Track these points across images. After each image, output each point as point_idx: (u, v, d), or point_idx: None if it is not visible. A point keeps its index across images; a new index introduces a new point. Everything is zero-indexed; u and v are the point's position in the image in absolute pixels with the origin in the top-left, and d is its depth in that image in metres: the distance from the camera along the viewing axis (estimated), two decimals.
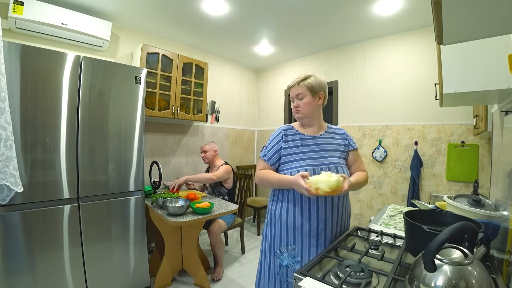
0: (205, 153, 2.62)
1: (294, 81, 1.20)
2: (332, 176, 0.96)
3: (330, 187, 0.93)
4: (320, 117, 1.25)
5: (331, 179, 0.94)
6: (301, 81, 1.18)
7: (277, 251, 1.15)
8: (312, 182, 0.95)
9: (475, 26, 0.55)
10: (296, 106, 1.20)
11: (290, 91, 1.22)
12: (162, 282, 2.03)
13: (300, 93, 1.18)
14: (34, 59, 1.50)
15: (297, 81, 1.19)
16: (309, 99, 1.18)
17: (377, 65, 2.75)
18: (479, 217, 0.98)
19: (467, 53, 0.97)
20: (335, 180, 0.94)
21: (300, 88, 1.18)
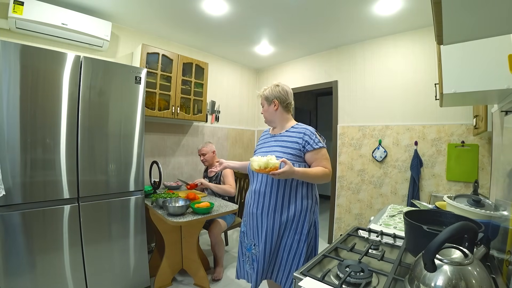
0: (204, 156, 2.61)
1: (258, 91, 1.50)
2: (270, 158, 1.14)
3: (258, 165, 1.14)
4: (280, 119, 1.43)
5: (261, 159, 1.14)
6: (260, 94, 1.47)
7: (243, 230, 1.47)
8: (251, 160, 1.20)
9: (475, 26, 0.55)
10: (261, 113, 1.49)
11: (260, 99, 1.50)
12: (162, 282, 2.03)
13: (261, 103, 1.48)
14: (34, 59, 1.50)
15: (259, 94, 1.48)
16: (266, 107, 1.44)
17: (377, 65, 2.75)
18: (479, 217, 0.98)
19: (467, 53, 0.97)
20: (264, 159, 1.13)
21: (261, 99, 1.47)
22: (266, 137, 1.46)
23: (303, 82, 3.45)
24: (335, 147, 3.05)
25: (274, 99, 1.42)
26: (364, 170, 2.81)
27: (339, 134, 3.03)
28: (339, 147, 3.02)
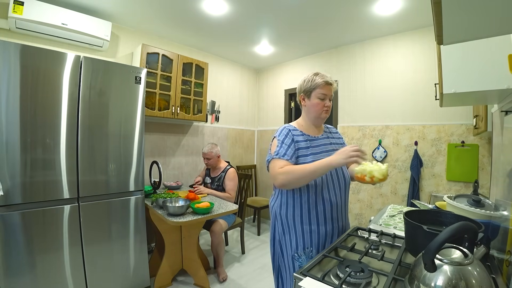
0: (208, 160, 2.59)
1: (331, 79, 1.18)
2: (379, 165, 1.00)
3: (382, 174, 0.96)
4: None
5: (382, 167, 0.98)
6: (334, 84, 1.20)
7: (295, 254, 1.14)
8: (366, 172, 0.98)
9: (475, 26, 0.55)
10: (328, 106, 1.19)
11: (326, 88, 1.17)
12: (162, 282, 2.03)
13: (331, 95, 1.20)
14: (34, 59, 1.50)
15: (333, 82, 1.19)
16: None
17: (377, 65, 2.75)
18: (479, 217, 0.98)
19: (467, 53, 0.97)
20: (385, 168, 0.98)
21: (332, 90, 1.19)
22: (310, 139, 1.19)
23: None
24: None
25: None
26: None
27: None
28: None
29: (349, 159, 0.96)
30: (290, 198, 1.15)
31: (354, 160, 0.96)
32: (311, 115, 1.21)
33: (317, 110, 1.18)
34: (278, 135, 1.17)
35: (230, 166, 2.61)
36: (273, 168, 1.08)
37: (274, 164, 1.09)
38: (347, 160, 0.96)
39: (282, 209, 1.17)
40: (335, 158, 0.99)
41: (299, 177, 1.02)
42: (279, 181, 1.04)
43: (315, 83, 1.17)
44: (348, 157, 0.96)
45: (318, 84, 1.16)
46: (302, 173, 1.02)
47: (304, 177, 1.02)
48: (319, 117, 1.19)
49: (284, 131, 1.17)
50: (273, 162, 1.10)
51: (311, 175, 1.02)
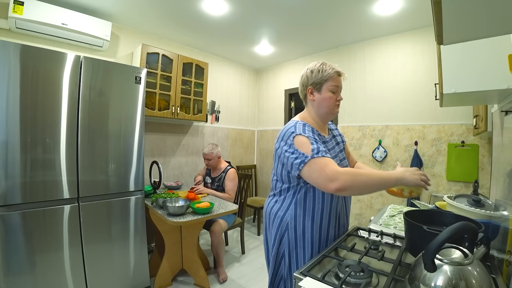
0: (208, 161, 2.59)
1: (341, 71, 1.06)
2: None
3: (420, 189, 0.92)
4: None
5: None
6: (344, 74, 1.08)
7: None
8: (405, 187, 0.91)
9: (475, 26, 0.55)
10: (340, 100, 1.06)
11: (338, 79, 1.05)
12: (162, 282, 2.03)
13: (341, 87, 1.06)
14: (34, 59, 1.50)
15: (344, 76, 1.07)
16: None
17: (377, 65, 2.75)
18: (479, 217, 0.98)
19: (467, 53, 0.97)
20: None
21: (341, 82, 1.07)
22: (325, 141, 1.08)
23: None
24: None
25: None
26: None
27: None
28: None
29: (419, 182, 0.87)
30: (308, 208, 1.01)
31: (422, 186, 0.88)
32: (321, 111, 1.07)
33: (330, 105, 1.04)
34: (302, 131, 0.96)
35: (230, 167, 2.61)
36: (323, 168, 0.85)
37: (321, 164, 0.87)
38: (417, 183, 0.87)
39: (297, 221, 1.01)
40: (407, 176, 0.87)
41: (368, 184, 0.85)
42: (340, 182, 0.82)
43: (327, 73, 1.03)
44: (419, 180, 0.87)
45: (331, 75, 1.03)
46: (373, 181, 0.86)
47: (372, 186, 0.86)
48: (332, 113, 1.06)
49: (308, 128, 0.99)
50: (317, 162, 0.87)
51: (378, 185, 0.86)
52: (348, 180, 0.82)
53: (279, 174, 1.05)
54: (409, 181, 0.87)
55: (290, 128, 0.99)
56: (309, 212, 1.00)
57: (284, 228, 1.04)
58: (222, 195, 2.44)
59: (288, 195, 1.04)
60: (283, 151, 0.97)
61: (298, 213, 1.01)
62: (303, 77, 1.10)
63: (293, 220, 1.02)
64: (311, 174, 0.88)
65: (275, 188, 1.10)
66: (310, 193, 1.00)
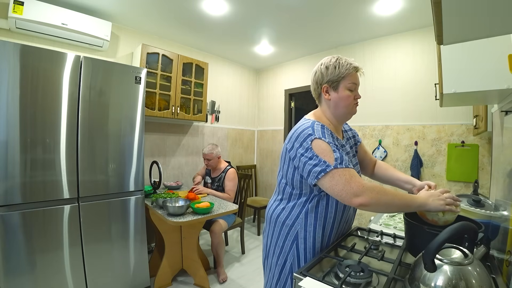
0: (208, 161, 2.59)
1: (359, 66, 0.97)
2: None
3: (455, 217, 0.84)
4: None
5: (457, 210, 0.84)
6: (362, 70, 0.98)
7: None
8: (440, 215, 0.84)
9: (475, 26, 0.55)
10: (358, 98, 0.96)
11: (356, 76, 0.96)
12: (162, 282, 2.03)
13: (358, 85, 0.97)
14: (34, 59, 1.50)
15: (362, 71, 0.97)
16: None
17: (377, 65, 2.75)
18: (479, 217, 0.98)
19: (467, 53, 0.97)
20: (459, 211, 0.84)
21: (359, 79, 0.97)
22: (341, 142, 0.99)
23: (303, 82, 3.45)
24: None
25: None
26: None
27: None
28: None
29: (443, 207, 0.81)
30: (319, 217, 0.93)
31: (448, 209, 0.81)
32: (339, 111, 0.96)
33: (348, 105, 0.94)
34: (321, 135, 0.86)
35: (230, 167, 2.61)
36: (349, 181, 0.79)
37: (346, 176, 0.80)
38: (441, 209, 0.81)
39: (307, 231, 0.94)
40: (430, 202, 0.82)
41: (390, 204, 0.80)
42: (366, 199, 0.77)
43: (344, 70, 0.93)
44: (443, 205, 0.81)
45: (349, 71, 0.93)
46: (395, 202, 0.80)
47: (393, 206, 0.81)
48: (350, 113, 0.97)
49: (326, 131, 0.89)
50: (341, 173, 0.80)
51: (401, 208, 0.82)
52: (373, 197, 0.78)
53: (290, 178, 0.95)
54: (432, 207, 0.81)
55: (307, 130, 0.88)
56: (321, 221, 0.93)
57: (293, 238, 0.96)
58: (222, 195, 2.44)
59: (299, 202, 0.95)
60: (298, 155, 0.88)
61: (309, 222, 0.94)
62: (317, 74, 1.01)
63: (303, 231, 0.94)
64: (334, 186, 0.80)
65: (283, 192, 1.00)
66: (323, 202, 0.93)
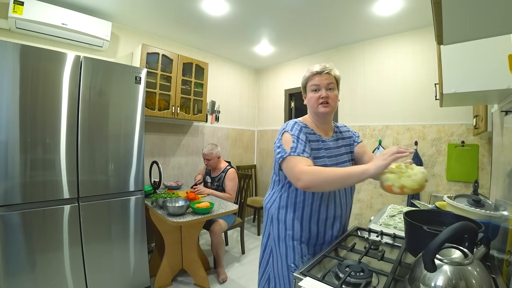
0: (208, 161, 2.58)
1: (324, 67, 1.04)
2: (414, 168, 0.78)
3: (418, 183, 0.75)
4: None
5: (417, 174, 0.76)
6: (331, 71, 1.04)
7: (291, 264, 1.02)
8: (393, 181, 0.77)
9: (475, 26, 0.55)
10: (326, 96, 1.02)
11: (318, 78, 1.03)
12: (162, 282, 2.03)
13: (332, 83, 1.03)
14: (34, 59, 1.50)
15: (330, 69, 1.04)
16: (337, 93, 1.06)
17: (377, 65, 2.75)
18: (479, 217, 0.98)
19: (467, 53, 0.97)
20: (421, 174, 0.76)
21: (331, 78, 1.04)
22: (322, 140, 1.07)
23: None
24: None
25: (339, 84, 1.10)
26: None
27: None
28: None
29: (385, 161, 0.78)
30: (291, 201, 1.04)
31: (391, 160, 0.78)
32: (311, 111, 1.11)
33: (312, 105, 1.06)
34: (290, 129, 1.02)
35: (230, 167, 2.61)
36: (293, 167, 0.91)
37: (293, 162, 0.92)
38: (384, 163, 0.78)
39: (280, 213, 1.06)
40: (371, 165, 0.80)
41: (330, 180, 0.86)
42: (304, 182, 0.87)
43: (305, 77, 1.09)
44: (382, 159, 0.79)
45: (307, 77, 1.08)
46: (334, 177, 0.85)
47: (335, 182, 0.87)
48: (317, 112, 1.06)
49: (297, 126, 1.03)
50: (291, 159, 0.93)
51: (343, 180, 0.85)
52: (309, 179, 0.87)
53: (274, 167, 1.10)
54: (373, 170, 0.79)
55: (285, 126, 1.06)
56: (292, 205, 1.03)
57: (270, 220, 1.09)
58: (222, 195, 2.44)
59: (278, 188, 1.10)
60: (275, 145, 1.05)
61: (281, 204, 1.06)
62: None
63: (277, 211, 1.07)
64: (286, 171, 0.96)
65: (272, 181, 1.16)
66: (293, 187, 1.03)
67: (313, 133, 1.06)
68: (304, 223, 1.02)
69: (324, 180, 0.86)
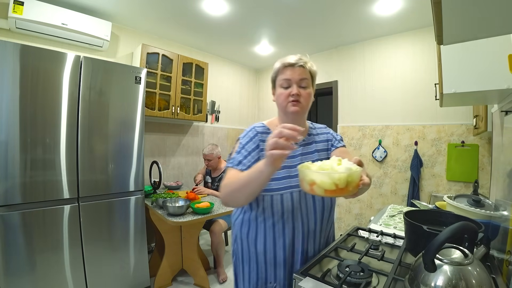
0: (209, 162, 2.58)
1: (298, 59, 0.86)
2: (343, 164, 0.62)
3: (334, 180, 0.56)
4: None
5: (337, 168, 0.59)
6: (306, 64, 0.87)
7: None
8: (304, 173, 0.60)
9: (475, 26, 0.55)
10: (297, 94, 0.84)
11: (290, 72, 0.85)
12: (162, 282, 2.03)
13: (305, 79, 0.86)
14: (34, 59, 1.50)
15: (305, 62, 0.86)
16: (311, 90, 0.89)
17: (377, 65, 2.75)
18: (479, 217, 0.98)
19: (467, 53, 0.97)
20: (345, 170, 0.58)
21: (306, 73, 0.86)
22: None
23: None
24: None
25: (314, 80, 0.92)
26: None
27: (339, 134, 3.03)
28: None
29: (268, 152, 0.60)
30: (253, 219, 0.89)
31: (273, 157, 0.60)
32: (279, 111, 0.93)
33: (281, 103, 0.88)
34: (243, 136, 0.91)
35: None
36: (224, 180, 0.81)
37: (226, 175, 0.83)
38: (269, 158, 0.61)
39: (243, 230, 0.92)
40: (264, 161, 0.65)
41: (236, 188, 0.74)
42: (221, 197, 0.78)
43: (275, 69, 0.90)
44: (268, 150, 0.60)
45: (276, 69, 0.89)
46: (238, 184, 0.73)
47: (240, 188, 0.73)
48: (285, 111, 0.88)
49: (250, 133, 0.90)
50: (227, 172, 0.84)
51: (247, 185, 0.71)
52: (223, 193, 0.77)
53: None
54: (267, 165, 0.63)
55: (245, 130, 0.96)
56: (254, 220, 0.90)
57: (234, 238, 0.98)
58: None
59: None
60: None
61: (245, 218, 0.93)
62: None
63: (239, 227, 0.95)
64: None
65: None
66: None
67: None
68: (268, 246, 0.86)
69: (232, 191, 0.75)
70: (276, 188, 0.84)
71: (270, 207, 0.85)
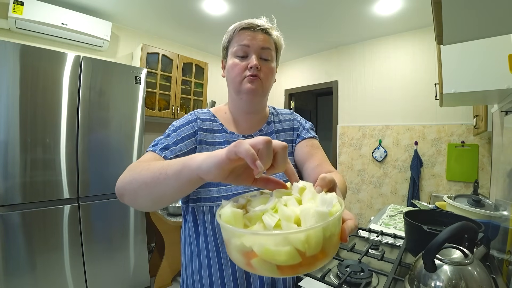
0: None
1: (261, 23, 0.65)
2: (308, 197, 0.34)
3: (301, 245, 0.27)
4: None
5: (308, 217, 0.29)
6: (271, 29, 0.67)
7: None
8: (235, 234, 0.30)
9: (475, 26, 0.55)
10: (256, 66, 0.63)
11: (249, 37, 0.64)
12: (162, 282, 2.03)
13: (268, 49, 0.66)
14: (34, 59, 1.50)
15: (269, 27, 0.67)
16: (274, 66, 0.70)
17: (377, 65, 2.75)
18: (479, 217, 0.98)
19: (467, 53, 0.97)
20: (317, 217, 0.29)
21: (269, 42, 0.67)
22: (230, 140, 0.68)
23: (303, 82, 3.45)
24: (335, 147, 3.05)
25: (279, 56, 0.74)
26: (364, 170, 2.81)
27: (339, 134, 3.03)
28: (339, 147, 3.02)
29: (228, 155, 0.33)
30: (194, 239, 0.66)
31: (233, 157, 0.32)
32: (229, 90, 0.70)
33: (234, 78, 0.65)
34: (181, 121, 0.68)
35: None
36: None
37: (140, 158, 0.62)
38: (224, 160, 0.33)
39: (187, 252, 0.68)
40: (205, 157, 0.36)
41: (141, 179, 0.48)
42: (117, 183, 0.56)
43: (229, 33, 0.67)
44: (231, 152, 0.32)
45: (231, 32, 0.66)
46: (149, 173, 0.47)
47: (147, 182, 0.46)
48: (240, 90, 0.65)
49: (189, 117, 0.69)
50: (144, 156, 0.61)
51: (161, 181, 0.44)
52: (122, 177, 0.55)
53: None
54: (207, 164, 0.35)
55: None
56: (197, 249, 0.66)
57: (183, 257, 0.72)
58: None
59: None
60: None
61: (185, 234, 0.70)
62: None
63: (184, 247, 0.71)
64: None
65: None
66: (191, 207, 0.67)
67: (219, 129, 0.69)
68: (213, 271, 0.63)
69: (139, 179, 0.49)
70: (216, 197, 0.62)
71: (210, 222, 0.63)
